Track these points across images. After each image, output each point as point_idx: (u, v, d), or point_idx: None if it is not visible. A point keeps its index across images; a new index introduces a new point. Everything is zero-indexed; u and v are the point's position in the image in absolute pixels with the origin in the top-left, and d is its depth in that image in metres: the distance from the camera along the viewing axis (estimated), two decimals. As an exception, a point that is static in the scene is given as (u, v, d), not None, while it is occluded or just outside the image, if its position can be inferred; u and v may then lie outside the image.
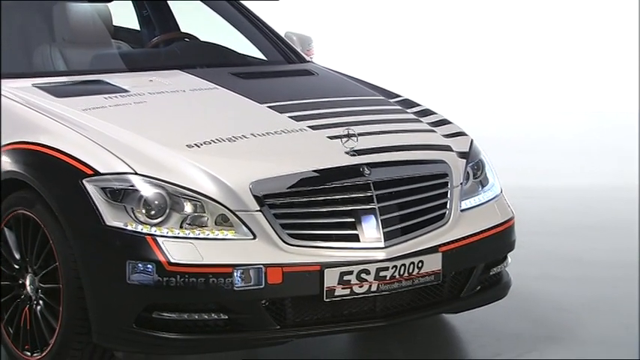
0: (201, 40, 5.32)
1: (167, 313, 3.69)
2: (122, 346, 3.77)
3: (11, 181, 3.96)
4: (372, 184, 3.91)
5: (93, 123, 3.99)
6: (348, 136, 3.99)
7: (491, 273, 4.28)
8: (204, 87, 4.45)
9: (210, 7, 5.38)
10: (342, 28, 10.27)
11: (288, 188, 3.81)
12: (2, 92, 4.24)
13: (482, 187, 4.36)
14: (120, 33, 5.28)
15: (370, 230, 3.86)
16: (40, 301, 3.92)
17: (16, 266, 3.98)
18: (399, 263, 3.88)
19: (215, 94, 4.41)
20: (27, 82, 4.35)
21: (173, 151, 3.85)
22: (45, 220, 3.84)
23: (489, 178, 4.42)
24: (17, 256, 3.98)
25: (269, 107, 4.26)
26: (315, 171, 3.87)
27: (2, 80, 4.36)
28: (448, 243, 4.03)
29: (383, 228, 3.88)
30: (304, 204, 3.83)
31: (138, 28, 5.69)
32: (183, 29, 5.63)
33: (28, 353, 3.97)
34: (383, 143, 4.11)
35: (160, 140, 3.91)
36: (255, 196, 3.76)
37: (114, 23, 5.23)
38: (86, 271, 3.73)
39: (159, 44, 5.20)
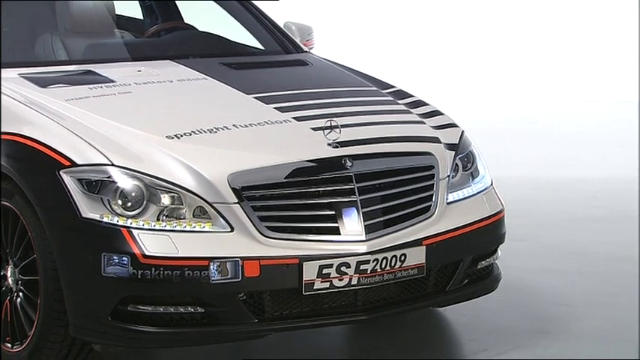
0: (199, 30, 5.30)
1: (143, 306, 3.66)
2: (99, 339, 3.74)
3: (-7, 172, 3.95)
4: (353, 177, 3.86)
5: (74, 113, 3.96)
6: (331, 127, 3.94)
7: (479, 266, 4.21)
8: (192, 77, 4.42)
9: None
10: (345, 18, 10.19)
11: (266, 180, 3.76)
12: None
13: (473, 179, 4.29)
14: (123, 22, 5.25)
15: (351, 223, 3.81)
16: (20, 293, 3.91)
17: (-3, 258, 3.98)
18: (380, 256, 3.82)
19: (202, 84, 4.37)
20: (13, 72, 4.34)
21: (152, 142, 3.82)
22: (23, 212, 3.82)
23: (480, 170, 4.35)
24: (-3, 248, 3.98)
25: (255, 98, 4.22)
26: (294, 163, 3.82)
27: None
28: (432, 236, 3.96)
29: (364, 221, 3.82)
30: (283, 196, 3.78)
31: (141, 17, 5.69)
32: (186, 19, 5.61)
33: (9, 345, 3.96)
34: (367, 135, 4.05)
35: (140, 131, 3.88)
36: (233, 189, 3.72)
37: (118, 12, 5.23)
38: (63, 263, 3.70)
39: (155, 34, 5.18)
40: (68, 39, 4.87)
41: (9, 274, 3.95)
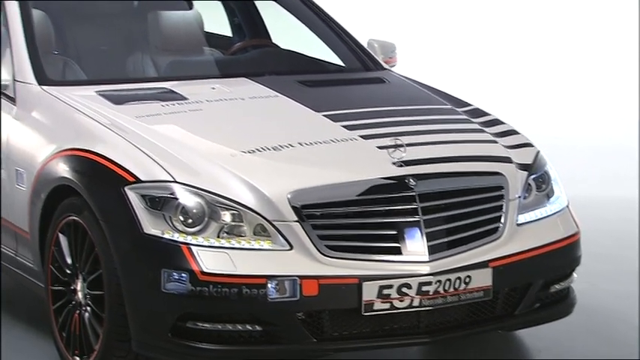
0: (281, 48, 5.33)
1: (201, 323, 3.67)
2: (160, 355, 3.77)
3: (65, 187, 4.03)
4: (417, 196, 3.80)
5: (142, 130, 4.02)
6: (396, 146, 3.89)
7: (552, 290, 4.09)
8: (264, 95, 4.43)
9: (295, 16, 5.36)
10: (431, 35, 10.07)
11: (327, 199, 3.74)
12: (67, 100, 4.33)
13: (548, 199, 4.18)
14: (212, 40, 5.32)
15: (413, 243, 3.75)
16: (88, 307, 3.97)
17: (68, 272, 4.05)
18: (443, 278, 3.75)
19: (273, 102, 4.38)
20: (91, 90, 4.43)
21: (216, 159, 3.84)
22: (91, 227, 3.89)
23: (555, 190, 4.23)
24: (69, 262, 4.05)
25: (324, 116, 4.20)
26: (356, 182, 3.79)
27: (68, 88, 4.46)
28: (500, 258, 3.87)
29: (427, 241, 3.77)
30: (344, 215, 3.75)
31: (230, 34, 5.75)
32: (273, 37, 5.65)
33: (77, 358, 4.02)
34: (433, 154, 3.99)
35: (205, 148, 3.91)
36: (293, 207, 3.71)
37: (207, 30, 5.31)
38: (126, 278, 3.75)
39: (238, 51, 5.23)
40: (157, 56, 4.97)
41: (79, 288, 4.03)
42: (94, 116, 4.15)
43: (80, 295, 4.01)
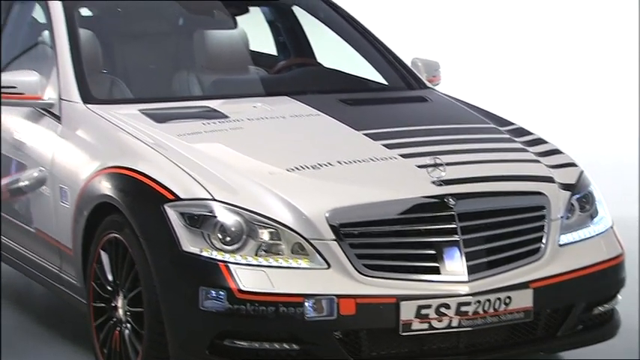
0: (324, 66, 5.33)
1: (239, 341, 3.67)
2: (198, 372, 3.79)
3: (107, 205, 4.07)
4: (456, 216, 3.78)
5: (183, 148, 4.04)
6: (435, 165, 3.87)
7: (595, 312, 4.04)
8: (305, 113, 4.44)
9: (339, 35, 5.36)
10: (475, 53, 9.99)
11: (365, 218, 3.73)
12: (110, 118, 4.37)
13: (592, 220, 4.13)
14: (257, 58, 5.35)
15: (452, 263, 3.73)
16: (128, 324, 3.99)
17: (110, 289, 4.08)
18: (483, 298, 3.71)
19: (313, 120, 4.38)
20: (134, 108, 4.46)
21: (255, 177, 3.85)
22: (132, 244, 3.91)
23: (599, 211, 4.18)
24: (110, 279, 4.08)
25: (365, 134, 4.20)
26: (395, 200, 3.78)
27: (113, 106, 4.51)
28: (541, 279, 3.83)
29: (467, 261, 3.74)
30: (382, 234, 3.74)
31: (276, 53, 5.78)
32: (318, 56, 5.66)
33: (118, 375, 4.06)
34: (473, 173, 3.96)
35: (244, 166, 3.92)
36: (330, 225, 3.71)
37: (253, 49, 5.34)
38: (164, 295, 3.76)
39: (282, 70, 5.25)
40: (202, 75, 5.00)
41: (119, 305, 4.05)
42: (136, 134, 4.19)
43: (121, 312, 4.03)
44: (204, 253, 3.71)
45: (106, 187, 4.05)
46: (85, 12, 5.20)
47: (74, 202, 4.26)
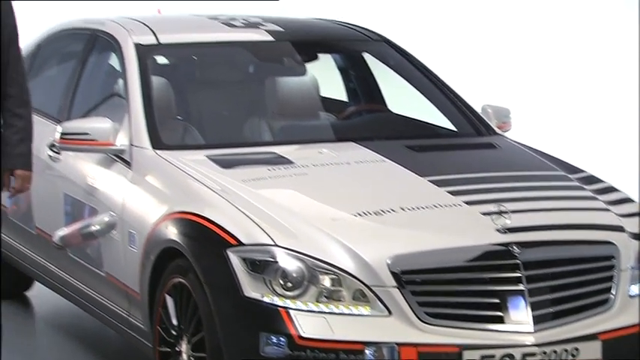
0: (392, 112, 5.34)
1: (299, 388, 3.67)
2: (259, 417, 3.77)
3: (172, 250, 4.10)
4: (521, 264, 3.72)
5: (247, 194, 4.06)
6: (500, 212, 3.83)
7: (666, 365, 3.93)
8: (370, 160, 4.43)
9: (408, 81, 5.37)
10: (546, 100, 9.86)
11: (427, 265, 3.70)
12: (178, 163, 4.42)
13: None
14: (327, 104, 5.38)
15: (517, 313, 3.67)
16: (192, 370, 4.01)
17: (174, 333, 4.10)
18: (549, 349, 3.65)
19: (379, 166, 4.38)
20: (201, 154, 4.51)
21: (317, 223, 3.85)
22: (195, 289, 3.93)
23: None
24: (175, 323, 4.10)
25: (430, 181, 4.17)
26: (458, 248, 3.74)
27: (181, 152, 4.56)
28: (610, 331, 3.75)
29: (532, 311, 3.68)
30: (445, 282, 3.70)
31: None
32: (389, 102, 5.67)
33: (181, 420, 4.06)
34: (539, 221, 3.91)
35: (306, 212, 3.92)
36: (392, 272, 3.68)
37: (323, 95, 5.38)
38: (226, 341, 3.77)
39: (351, 116, 5.26)
40: (273, 121, 5.04)
41: (184, 349, 4.06)
42: (201, 180, 4.23)
43: (185, 356, 4.04)
44: (266, 299, 3.71)
45: (171, 232, 4.09)
46: (162, 60, 5.32)
47: (142, 246, 4.31)
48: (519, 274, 3.71)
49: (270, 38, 5.13)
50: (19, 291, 6.08)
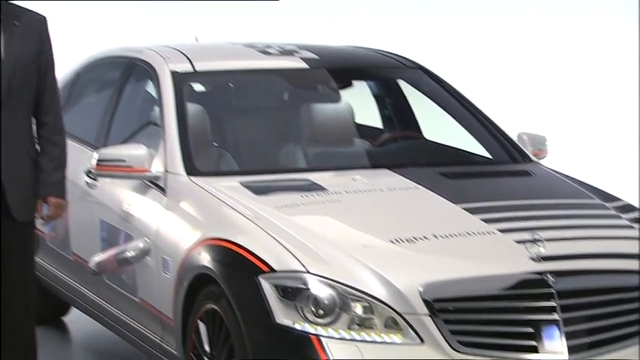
0: (426, 139, 5.33)
1: (332, 416, 3.64)
2: None
3: (205, 276, 4.11)
4: (556, 294, 3.69)
5: (279, 220, 4.06)
6: (534, 240, 3.80)
7: None
8: (403, 186, 4.42)
9: (443, 108, 5.36)
10: (582, 126, 9.78)
11: (460, 293, 3.68)
12: (212, 190, 4.43)
13: None
14: (362, 131, 5.39)
15: (551, 342, 3.63)
16: (224, 396, 4.00)
17: (207, 359, 4.10)
18: None
19: (412, 193, 4.36)
20: (235, 181, 4.52)
21: (349, 250, 3.84)
22: (227, 315, 3.93)
23: None
24: (208, 350, 4.10)
25: (463, 208, 4.15)
26: (491, 276, 3.71)
27: (215, 178, 4.58)
28: None
29: (567, 340, 3.63)
30: (478, 310, 3.67)
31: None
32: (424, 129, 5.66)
33: None
34: (575, 250, 3.87)
35: (338, 239, 3.91)
36: (424, 300, 3.66)
37: (358, 122, 5.38)
38: (257, 368, 3.77)
39: (385, 143, 5.26)
40: (308, 148, 5.05)
41: (216, 376, 4.07)
42: (234, 206, 4.24)
43: None
44: (297, 326, 3.70)
45: (204, 259, 4.10)
46: (199, 87, 5.36)
47: (175, 272, 4.32)
48: (554, 304, 3.68)
49: (305, 66, 5.14)
50: (56, 316, 6.12)
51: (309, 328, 3.69)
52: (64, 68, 5.85)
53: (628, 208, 4.40)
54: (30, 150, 4.32)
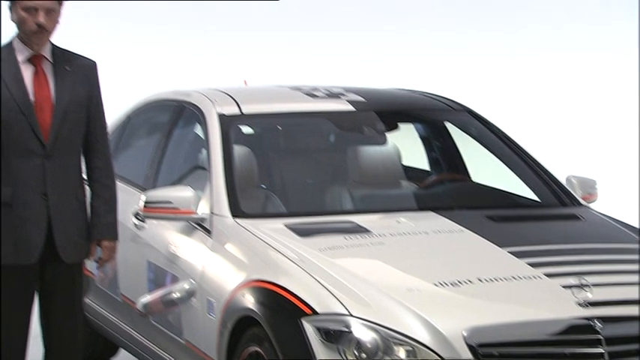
0: (473, 182, 5.29)
1: None
2: None
3: (249, 318, 4.10)
4: (603, 340, 3.62)
5: (323, 263, 4.05)
6: (581, 285, 3.74)
7: None
8: (448, 229, 4.39)
9: (491, 151, 5.33)
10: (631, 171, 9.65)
11: (505, 338, 3.62)
12: (256, 232, 4.44)
13: None
14: (409, 173, 5.38)
15: None
16: None
17: (250, 402, 4.09)
18: None
19: (457, 237, 4.33)
20: (280, 223, 4.53)
21: (392, 293, 3.81)
22: (270, 358, 3.92)
23: None
24: (251, 392, 4.09)
25: (509, 252, 4.11)
26: (537, 321, 3.66)
27: (260, 220, 4.59)
28: None
29: None
30: (523, 356, 3.61)
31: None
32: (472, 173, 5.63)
33: None
34: (624, 295, 3.81)
35: (382, 282, 3.89)
36: (468, 345, 3.61)
37: (405, 164, 5.37)
38: (299, 411, 3.74)
39: (432, 185, 5.24)
40: (354, 190, 5.04)
41: (257, 419, 4.04)
42: (279, 248, 4.24)
43: None
44: (340, 369, 3.68)
45: (248, 301, 4.09)
46: (247, 130, 5.39)
47: (220, 314, 4.32)
48: (601, 350, 3.61)
49: (351, 108, 5.15)
50: (104, 357, 6.14)
51: None
52: (115, 112, 5.94)
53: None
54: (79, 193, 4.37)
